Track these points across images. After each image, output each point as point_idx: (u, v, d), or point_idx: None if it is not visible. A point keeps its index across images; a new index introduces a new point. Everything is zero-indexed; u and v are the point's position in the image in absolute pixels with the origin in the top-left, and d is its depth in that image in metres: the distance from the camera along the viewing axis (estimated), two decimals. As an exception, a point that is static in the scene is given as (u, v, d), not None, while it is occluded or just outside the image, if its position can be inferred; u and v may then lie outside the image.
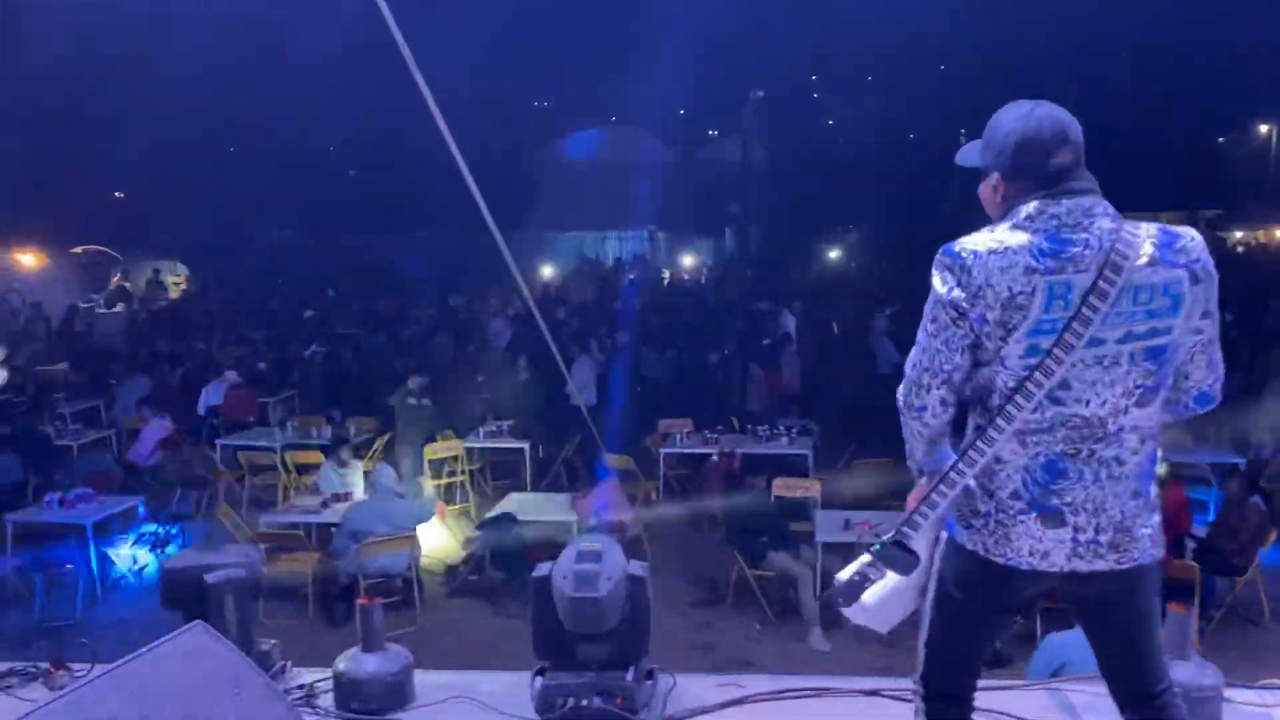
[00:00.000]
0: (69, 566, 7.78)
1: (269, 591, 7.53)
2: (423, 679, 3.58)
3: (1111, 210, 2.27)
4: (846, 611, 2.45)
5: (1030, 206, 2.28)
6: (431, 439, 10.65)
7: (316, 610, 7.79)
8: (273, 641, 3.67)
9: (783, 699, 3.42)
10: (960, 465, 2.28)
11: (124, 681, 2.56)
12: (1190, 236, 2.27)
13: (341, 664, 3.48)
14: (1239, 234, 32.70)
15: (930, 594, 2.47)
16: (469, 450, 10.83)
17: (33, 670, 3.62)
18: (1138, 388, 2.25)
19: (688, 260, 28.73)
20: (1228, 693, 3.21)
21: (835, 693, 3.42)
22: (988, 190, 2.42)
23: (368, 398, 11.81)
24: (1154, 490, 2.35)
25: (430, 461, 10.44)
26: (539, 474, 10.82)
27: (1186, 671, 3.07)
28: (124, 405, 12.02)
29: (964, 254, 2.26)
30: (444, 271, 24.92)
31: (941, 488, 2.30)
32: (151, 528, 8.59)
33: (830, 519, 8.17)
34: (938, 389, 2.32)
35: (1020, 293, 2.20)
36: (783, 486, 8.83)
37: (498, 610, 7.92)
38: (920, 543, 2.39)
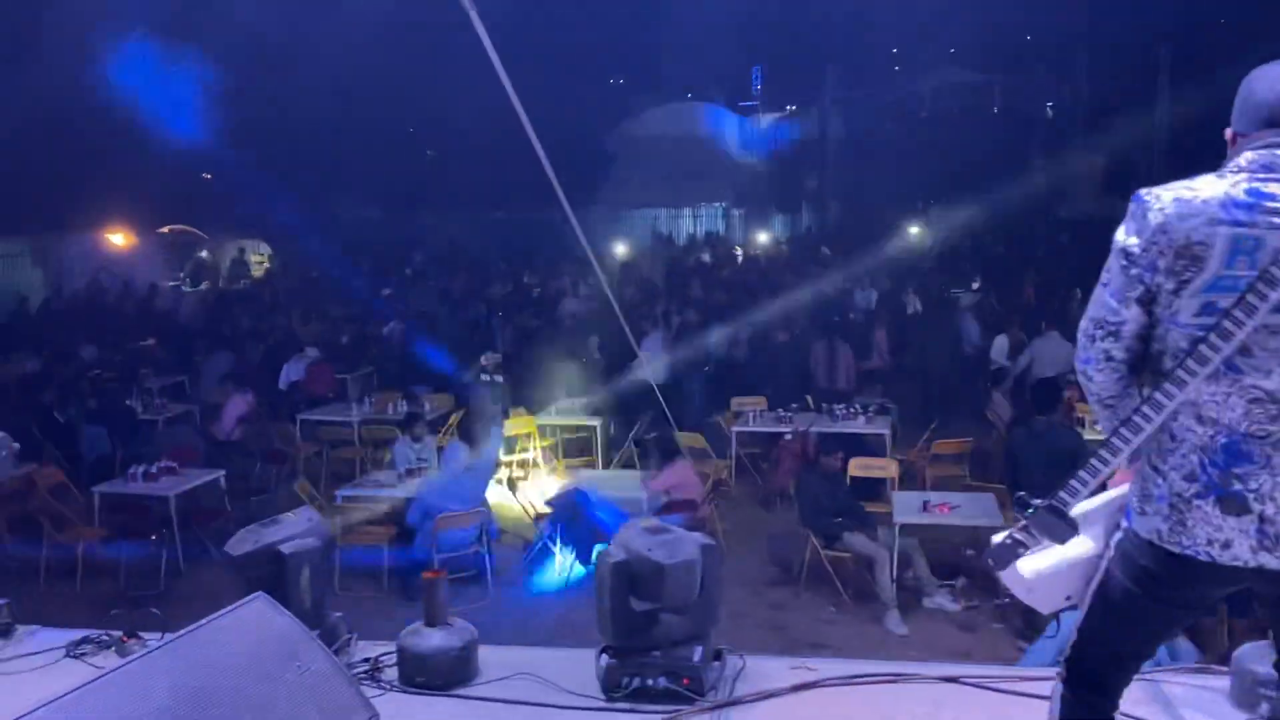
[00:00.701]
0: (154, 538, 7.96)
1: (345, 565, 7.68)
2: (487, 654, 3.54)
3: None
4: (1004, 578, 2.28)
5: (1245, 156, 2.09)
6: (505, 415, 10.68)
7: (391, 584, 7.86)
8: (338, 614, 3.66)
9: (855, 684, 3.29)
10: (1123, 431, 2.08)
11: (183, 652, 2.56)
12: None
13: (406, 638, 3.46)
14: None
15: (1097, 579, 2.29)
16: (541, 427, 10.86)
17: (106, 639, 3.68)
18: None
19: (763, 237, 28.38)
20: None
21: (911, 679, 3.28)
22: (1229, 151, 2.21)
23: (443, 375, 11.88)
24: None
25: (505, 438, 10.47)
26: (611, 451, 10.78)
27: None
28: (208, 381, 12.29)
29: (1148, 198, 2.10)
30: (517, 250, 25.05)
31: (1102, 454, 2.12)
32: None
33: (908, 500, 7.97)
34: (1102, 341, 2.16)
35: (1198, 243, 2.01)
36: (859, 466, 8.65)
37: (568, 587, 7.91)
38: (1094, 525, 2.24)
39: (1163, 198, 2.06)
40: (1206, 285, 2.00)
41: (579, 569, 7.94)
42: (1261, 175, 2.02)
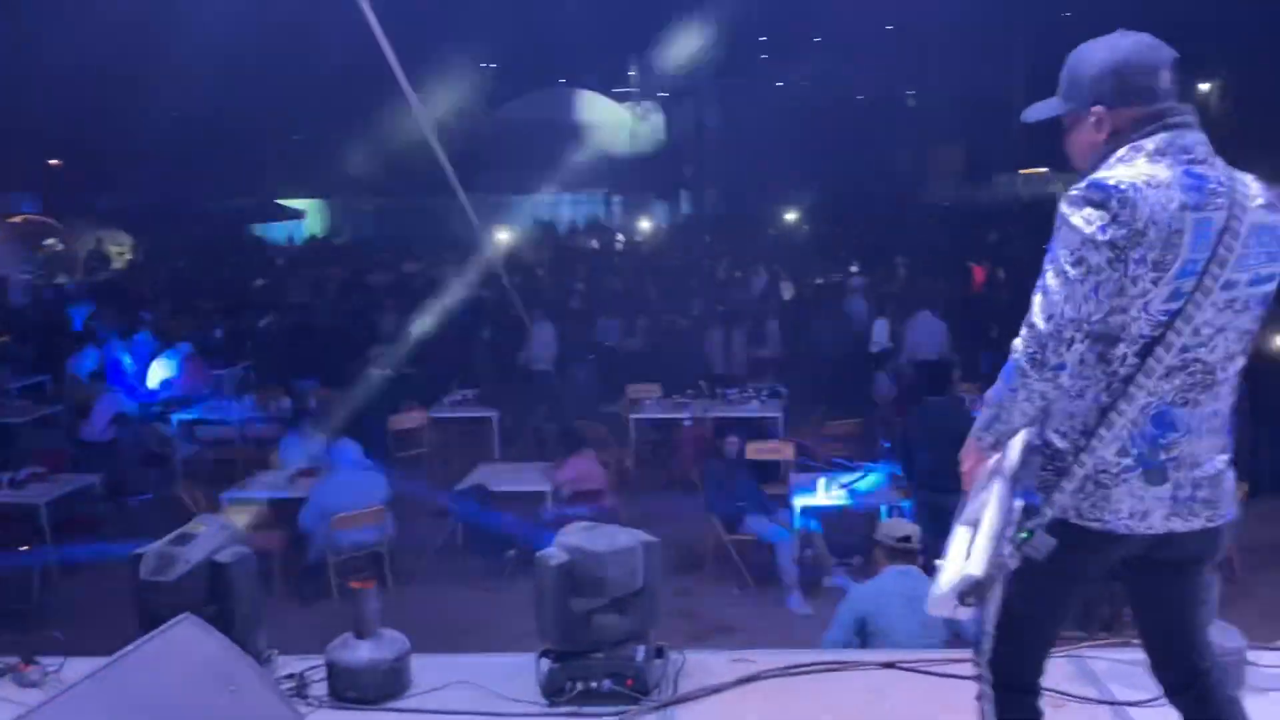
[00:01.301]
0: (24, 549, 7.46)
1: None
2: (419, 663, 3.43)
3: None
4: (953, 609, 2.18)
5: (1156, 140, 2.10)
6: (395, 410, 10.41)
7: (283, 589, 7.57)
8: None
9: (797, 674, 3.31)
10: (1102, 427, 2.09)
11: (110, 685, 2.38)
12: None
13: (335, 652, 3.31)
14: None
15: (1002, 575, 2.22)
16: (434, 420, 10.61)
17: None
18: (1247, 332, 2.14)
19: (644, 224, 28.49)
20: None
21: (851, 665, 3.33)
22: (1085, 133, 2.20)
23: (327, 368, 11.50)
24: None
25: (394, 433, 10.20)
26: (506, 443, 10.62)
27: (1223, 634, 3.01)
28: (73, 380, 11.59)
29: (1123, 185, 2.03)
30: (395, 238, 24.51)
31: (1073, 465, 2.12)
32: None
33: (804, 482, 8.11)
34: (1080, 343, 2.08)
35: (1176, 230, 2.02)
36: (756, 450, 8.76)
37: (474, 584, 7.77)
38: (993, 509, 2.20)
39: (1139, 186, 2.03)
40: (1178, 272, 2.04)
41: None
42: (1185, 158, 2.07)
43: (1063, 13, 39.39)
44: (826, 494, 7.79)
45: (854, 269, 16.70)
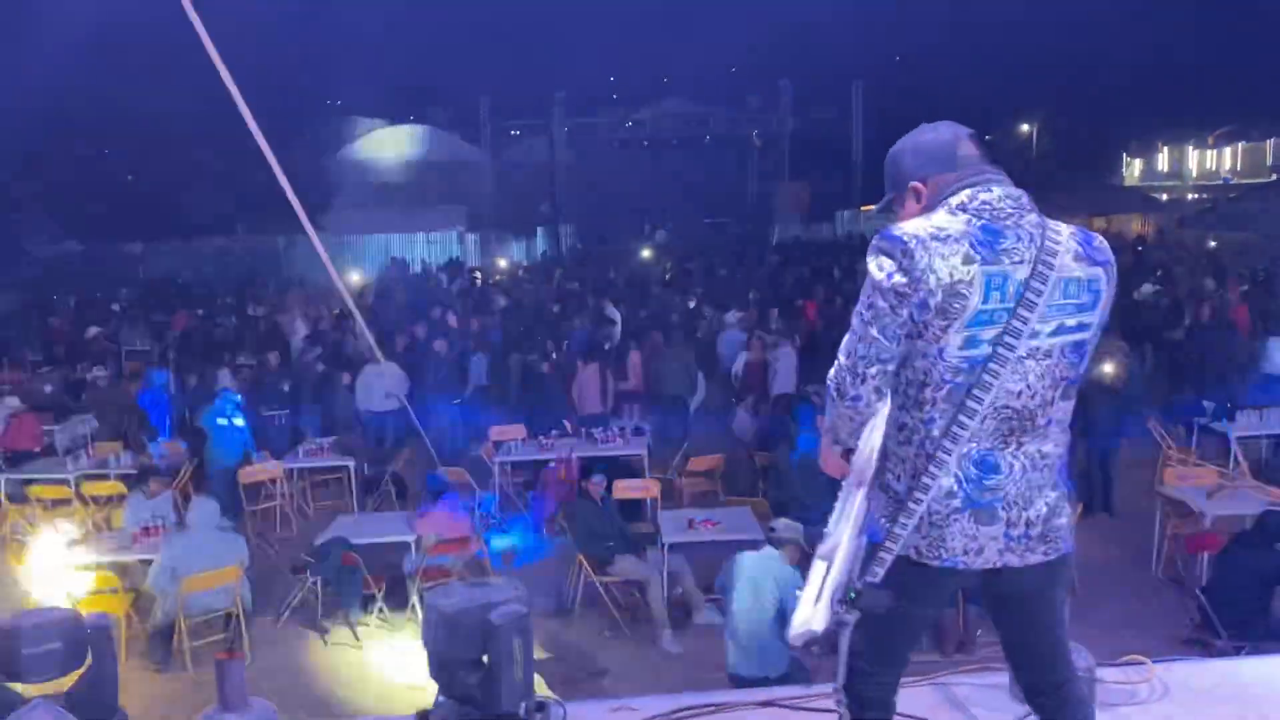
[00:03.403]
0: None
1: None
2: (291, 733, 3.29)
3: (1033, 205, 2.29)
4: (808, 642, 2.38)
5: (962, 194, 2.28)
6: (246, 462, 10.00)
7: (130, 655, 7.13)
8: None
9: (679, 718, 3.34)
10: (931, 469, 2.24)
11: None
12: (1100, 238, 2.32)
13: (200, 727, 3.15)
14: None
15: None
16: (288, 471, 10.23)
17: None
18: (1063, 380, 2.28)
19: (501, 262, 28.36)
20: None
21: (731, 707, 3.37)
22: (910, 208, 2.39)
23: (171, 419, 10.97)
24: (1066, 483, 2.38)
25: (245, 486, 9.79)
26: (365, 493, 10.33)
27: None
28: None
29: (905, 238, 2.21)
30: (237, 280, 23.64)
31: (902, 518, 2.26)
32: None
33: (673, 519, 8.18)
34: (873, 379, 2.26)
35: (960, 280, 2.17)
36: (623, 488, 8.79)
37: (331, 639, 7.51)
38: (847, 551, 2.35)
39: (922, 238, 2.20)
40: (969, 320, 2.19)
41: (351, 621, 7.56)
42: (988, 214, 2.24)
43: (895, 56, 41.60)
44: (695, 531, 7.86)
45: (691, 304, 17.05)
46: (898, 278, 2.19)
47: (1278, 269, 18.20)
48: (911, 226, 2.24)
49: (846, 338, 2.31)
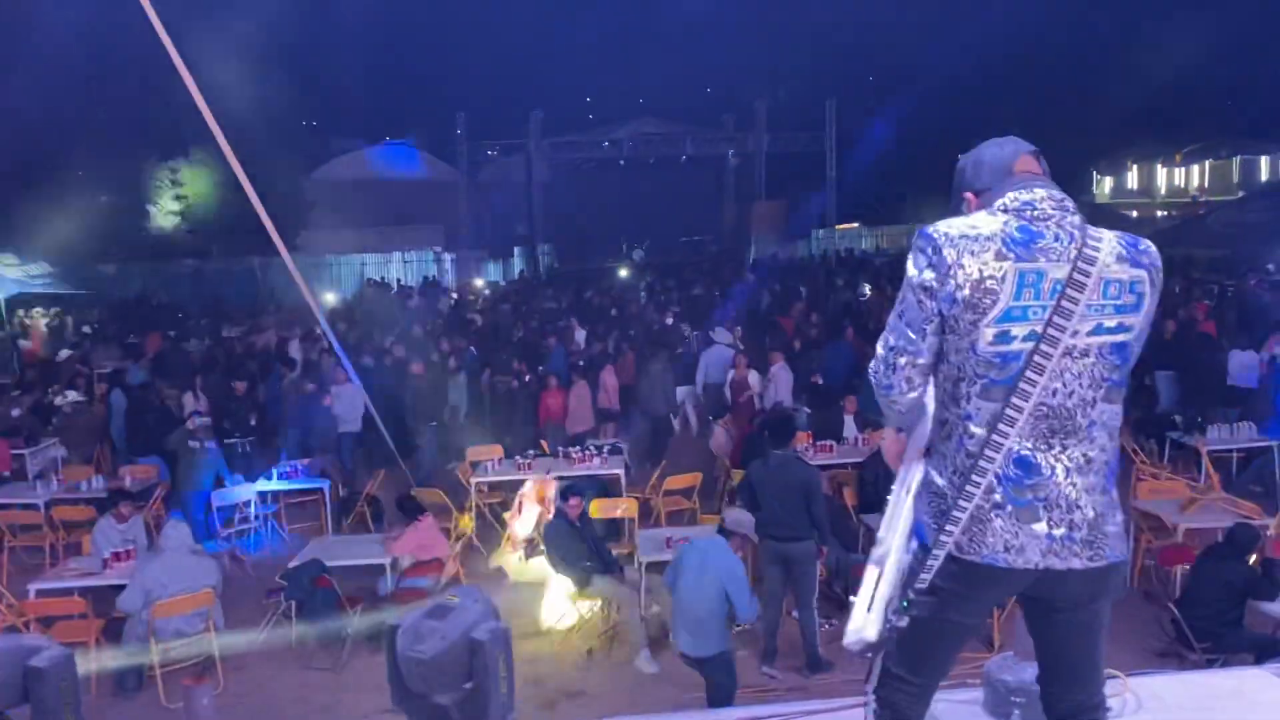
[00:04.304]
0: None
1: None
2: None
3: (1077, 208, 2.31)
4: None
5: (1006, 197, 2.31)
6: (219, 484, 9.91)
7: (100, 682, 7.02)
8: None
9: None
10: (976, 468, 2.24)
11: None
12: (1149, 243, 2.32)
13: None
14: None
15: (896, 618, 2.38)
16: (262, 494, 10.14)
17: None
18: (1104, 381, 2.27)
19: (478, 281, 28.32)
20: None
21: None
22: (965, 214, 2.43)
23: (144, 442, 10.84)
24: (1117, 488, 2.37)
25: (220, 509, 9.69)
26: (341, 514, 10.24)
27: (1032, 672, 3.18)
28: None
29: (937, 235, 2.26)
30: (210, 301, 23.48)
31: (954, 514, 2.26)
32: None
33: (650, 538, 8.17)
34: (904, 369, 2.33)
35: (990, 277, 2.20)
36: (600, 508, 8.77)
37: (304, 663, 7.42)
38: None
39: (951, 235, 2.26)
40: (1000, 316, 2.21)
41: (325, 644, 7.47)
42: (1027, 214, 2.27)
43: (868, 77, 41.95)
44: (673, 550, 7.83)
45: (669, 320, 17.07)
46: (927, 273, 2.26)
47: (1245, 284, 18.43)
48: (946, 224, 2.30)
49: (885, 330, 2.40)
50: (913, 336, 2.31)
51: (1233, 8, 33.53)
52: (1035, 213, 2.27)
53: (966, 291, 2.21)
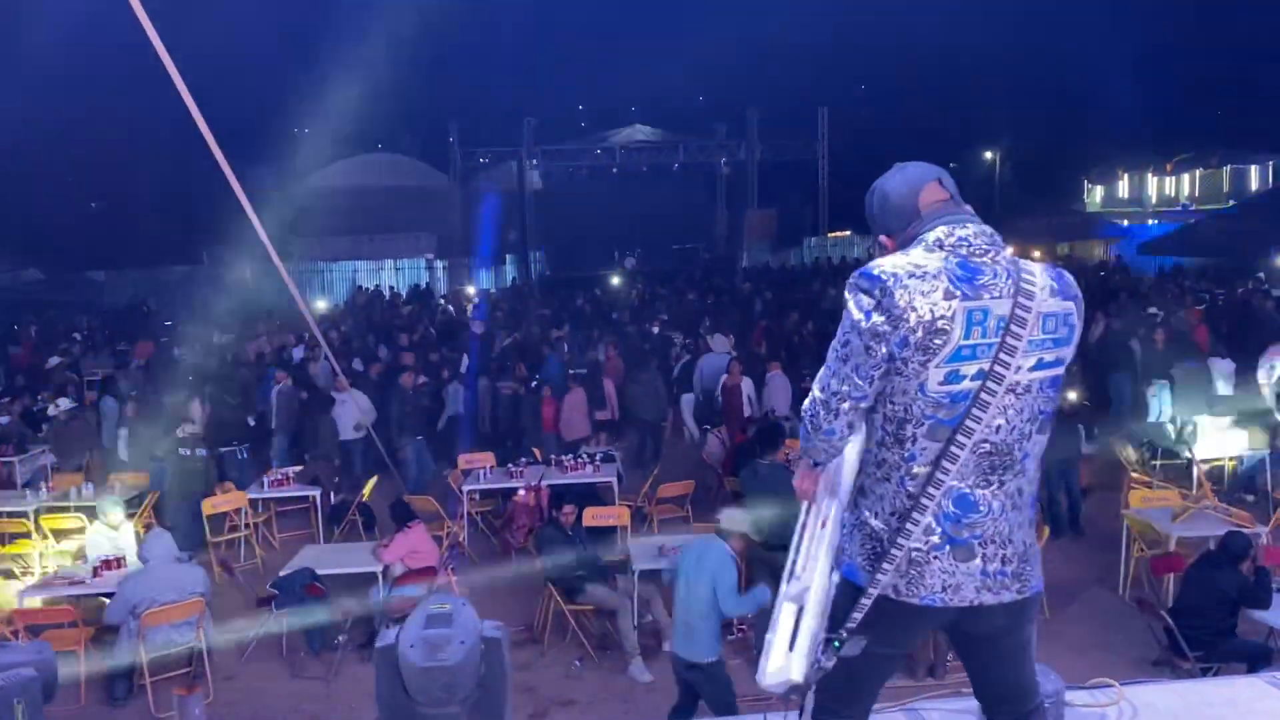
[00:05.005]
0: None
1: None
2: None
3: (1003, 243, 2.29)
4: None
5: (938, 231, 2.26)
6: (209, 492, 9.86)
7: (90, 692, 6.98)
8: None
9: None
10: (915, 509, 2.22)
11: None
12: (1068, 274, 2.32)
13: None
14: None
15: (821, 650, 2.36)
16: (253, 501, 10.09)
17: None
18: (1040, 414, 2.27)
19: (470, 289, 28.29)
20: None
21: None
22: (886, 254, 2.39)
23: (135, 450, 10.80)
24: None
25: (209, 517, 9.64)
26: (332, 522, 10.19)
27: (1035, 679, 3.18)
28: None
29: (884, 276, 2.19)
30: (201, 308, 23.39)
31: (899, 541, 2.24)
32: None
33: (643, 547, 8.14)
34: (846, 414, 2.26)
35: (941, 317, 2.16)
36: (593, 516, 8.75)
37: (295, 672, 7.39)
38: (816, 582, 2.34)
39: (900, 276, 2.19)
40: (950, 356, 2.17)
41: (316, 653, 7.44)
42: (964, 250, 2.23)
43: (860, 85, 42.09)
44: (666, 558, 7.81)
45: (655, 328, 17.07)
46: (876, 317, 2.18)
47: (1235, 293, 18.51)
48: (889, 264, 2.22)
49: (822, 371, 2.31)
50: (859, 382, 2.23)
51: (1224, 17, 33.75)
52: (970, 249, 2.24)
53: (920, 334, 2.16)
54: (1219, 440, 10.17)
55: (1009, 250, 2.29)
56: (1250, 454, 10.18)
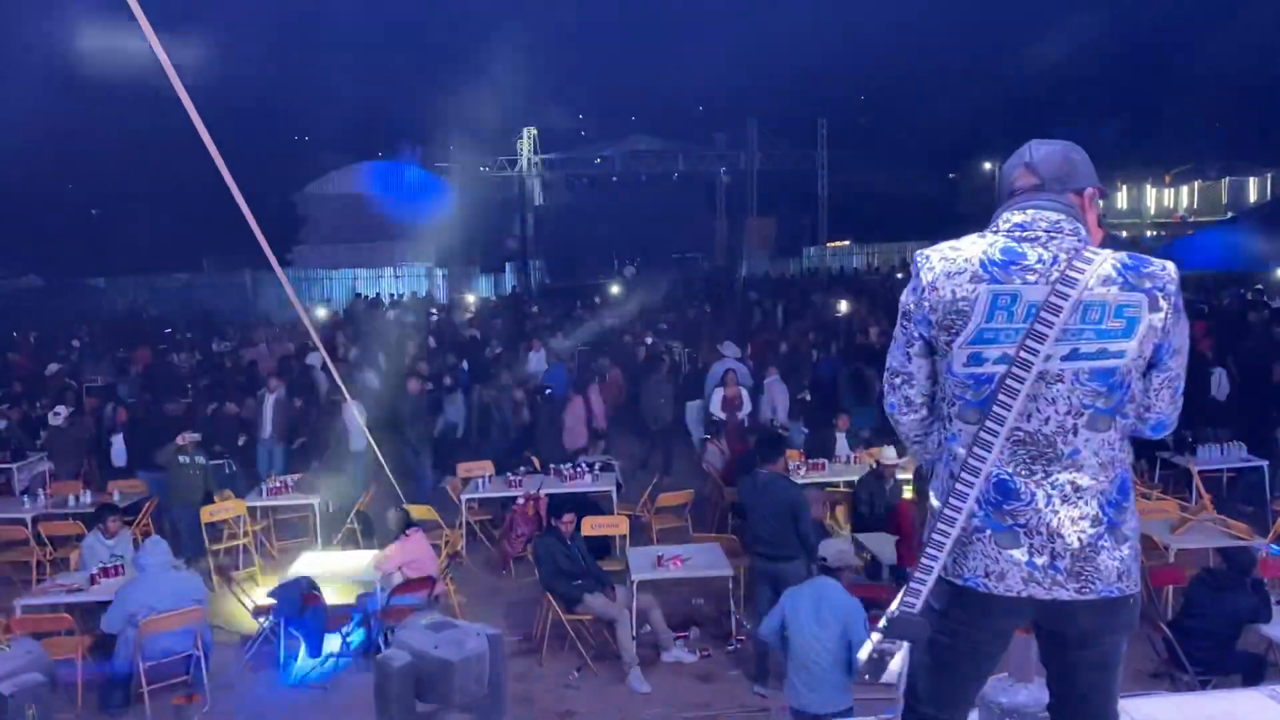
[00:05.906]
0: None
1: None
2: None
3: (1082, 233, 2.24)
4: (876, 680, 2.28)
5: (1001, 218, 2.31)
6: (209, 500, 9.84)
7: (87, 700, 6.96)
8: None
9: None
10: (959, 490, 2.21)
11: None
12: (1162, 266, 2.20)
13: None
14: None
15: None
16: (251, 509, 10.07)
17: None
18: (1085, 407, 2.18)
19: (469, 297, 28.32)
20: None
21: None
22: None
23: (132, 457, 10.78)
24: (1127, 522, 2.26)
25: (208, 525, 9.62)
26: (330, 530, 10.17)
27: (1030, 693, 3.17)
28: None
29: (921, 258, 2.30)
30: (200, 315, 23.43)
31: (935, 537, 2.22)
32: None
33: (642, 556, 8.12)
34: (900, 389, 2.38)
35: (963, 298, 2.19)
36: (591, 525, 8.73)
37: (301, 684, 7.36)
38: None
39: (931, 258, 2.28)
40: (971, 337, 2.20)
41: (309, 664, 7.42)
42: (1016, 235, 2.24)
43: (859, 95, 42.22)
44: (664, 568, 7.81)
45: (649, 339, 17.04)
46: (910, 296, 2.31)
47: (1234, 303, 18.53)
48: (935, 248, 2.31)
49: None
50: (900, 358, 2.36)
51: (1222, 30, 33.86)
52: (1025, 234, 2.23)
53: (939, 313, 2.23)
54: (1217, 450, 10.17)
55: (1068, 241, 2.21)
56: (1249, 464, 10.18)
